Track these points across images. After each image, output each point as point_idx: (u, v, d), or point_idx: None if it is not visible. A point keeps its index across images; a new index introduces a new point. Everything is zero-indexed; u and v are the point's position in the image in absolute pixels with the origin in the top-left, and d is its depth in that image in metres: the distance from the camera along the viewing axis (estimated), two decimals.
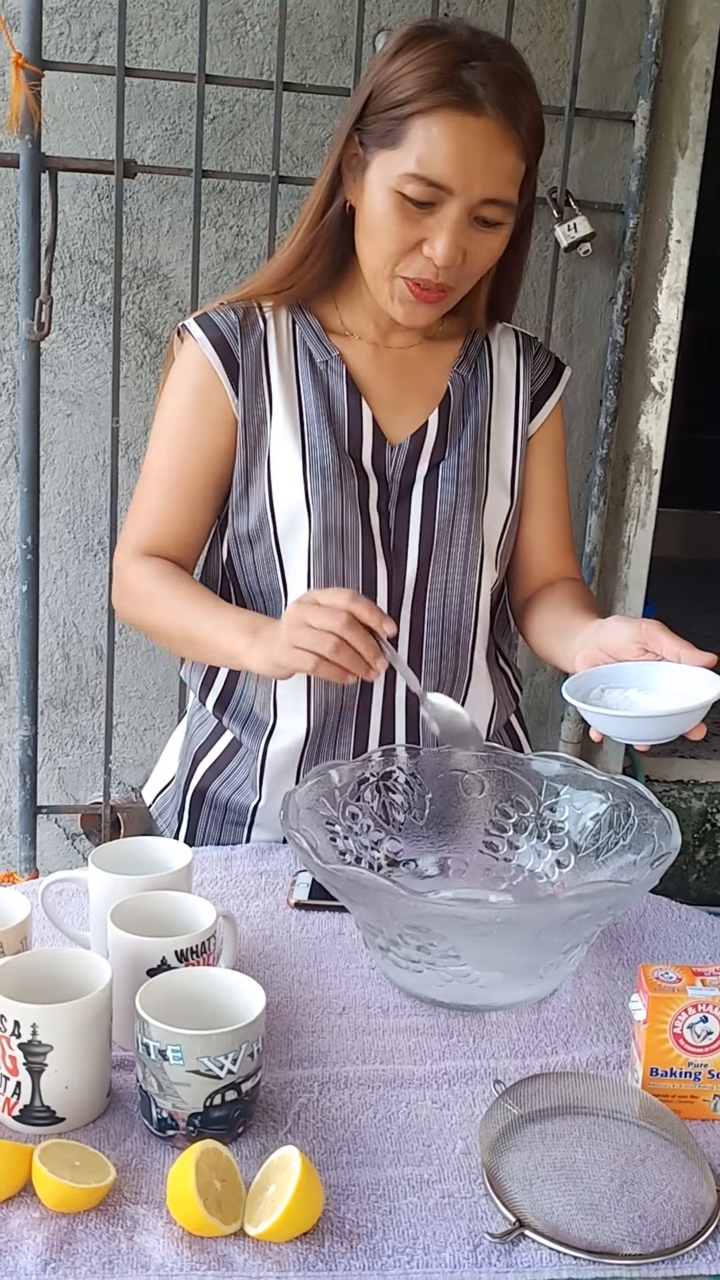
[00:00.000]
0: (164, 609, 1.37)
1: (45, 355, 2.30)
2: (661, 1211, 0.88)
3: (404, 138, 1.23)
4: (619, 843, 1.19)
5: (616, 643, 1.24)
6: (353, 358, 1.39)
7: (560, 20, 2.33)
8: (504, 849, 1.29)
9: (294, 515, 1.36)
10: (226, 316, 1.38)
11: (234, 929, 1.11)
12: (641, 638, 1.22)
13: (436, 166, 1.22)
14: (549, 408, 1.47)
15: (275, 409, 1.37)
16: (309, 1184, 0.85)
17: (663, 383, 2.52)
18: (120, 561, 1.42)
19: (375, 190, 1.27)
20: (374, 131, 1.26)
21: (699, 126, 2.41)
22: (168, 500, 1.40)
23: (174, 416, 1.39)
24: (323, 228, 1.34)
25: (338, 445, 1.36)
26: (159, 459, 1.41)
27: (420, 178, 1.23)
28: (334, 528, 1.36)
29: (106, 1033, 0.96)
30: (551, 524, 1.50)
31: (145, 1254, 0.84)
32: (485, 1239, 0.86)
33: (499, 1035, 1.09)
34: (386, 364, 1.41)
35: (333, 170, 1.32)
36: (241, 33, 2.26)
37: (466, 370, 1.43)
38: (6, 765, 2.52)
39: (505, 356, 1.46)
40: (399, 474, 1.39)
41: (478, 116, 1.22)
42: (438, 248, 1.25)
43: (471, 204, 1.24)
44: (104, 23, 2.22)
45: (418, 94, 1.22)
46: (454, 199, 1.24)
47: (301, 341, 1.39)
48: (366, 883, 1.03)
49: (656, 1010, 0.98)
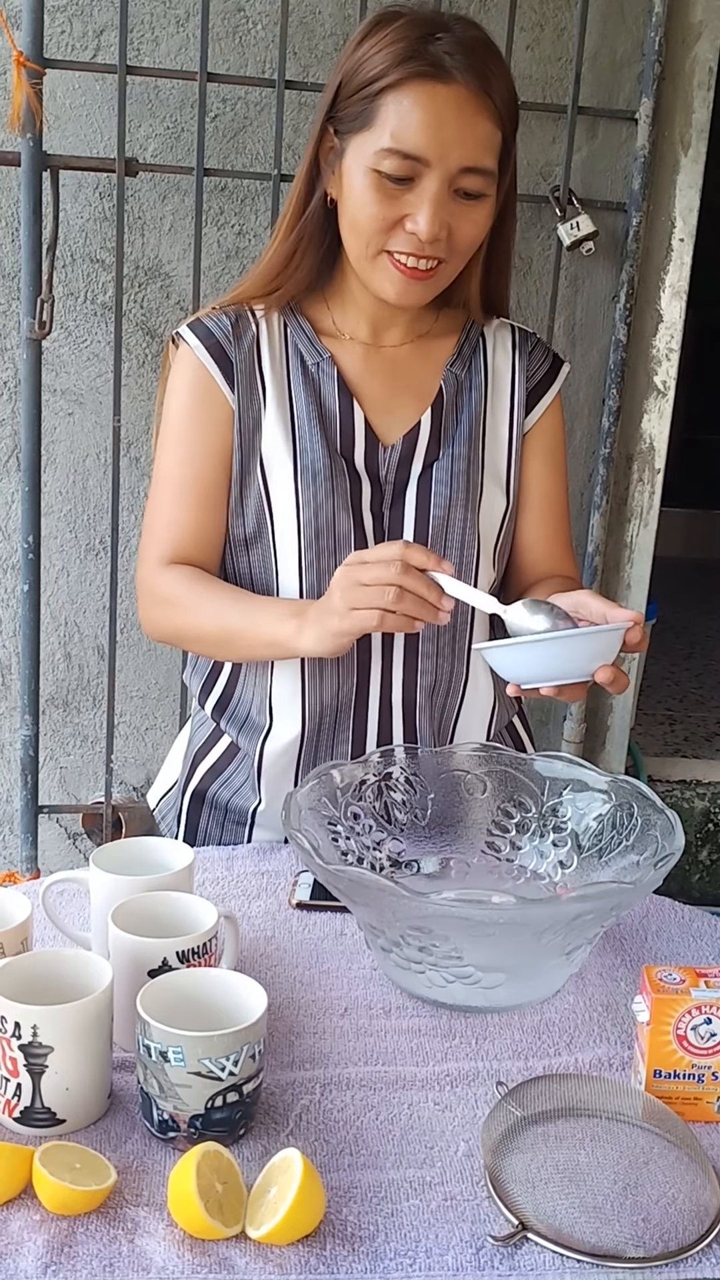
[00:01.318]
0: (196, 612, 1.35)
1: (47, 354, 2.30)
2: (665, 1214, 0.88)
3: (376, 116, 1.24)
4: (622, 843, 1.19)
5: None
6: (344, 359, 1.39)
7: (563, 18, 2.33)
8: (506, 849, 1.29)
9: (286, 518, 1.36)
10: (219, 320, 1.38)
11: (235, 930, 1.10)
12: (573, 606, 1.21)
13: (411, 138, 1.23)
14: (545, 402, 1.45)
15: (268, 411, 1.36)
16: (311, 1186, 0.84)
17: (666, 382, 2.52)
18: (144, 575, 1.40)
19: (353, 174, 1.27)
20: (347, 117, 1.27)
21: (702, 125, 2.40)
22: (182, 506, 1.39)
23: (176, 422, 1.39)
24: (305, 224, 1.34)
25: (329, 447, 1.36)
26: (167, 467, 1.40)
27: (396, 151, 1.23)
28: (326, 530, 1.35)
29: (107, 1034, 0.96)
30: (547, 522, 1.47)
31: (146, 1257, 0.83)
32: (488, 1242, 0.86)
33: (501, 1037, 1.09)
34: (378, 365, 1.40)
35: (309, 165, 1.32)
36: (243, 31, 2.26)
37: (460, 368, 1.42)
38: (8, 765, 2.52)
39: (501, 352, 1.45)
40: (392, 475, 1.38)
41: (448, 85, 1.22)
42: (420, 221, 1.24)
43: (450, 174, 1.24)
44: (105, 21, 2.21)
45: (386, 70, 1.23)
46: (431, 170, 1.23)
47: (293, 344, 1.39)
48: (368, 883, 1.02)
49: (660, 1012, 0.97)
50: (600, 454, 2.49)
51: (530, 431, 1.45)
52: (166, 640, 1.44)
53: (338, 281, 1.39)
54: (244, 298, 1.39)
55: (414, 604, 1.15)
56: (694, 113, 2.39)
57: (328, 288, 1.40)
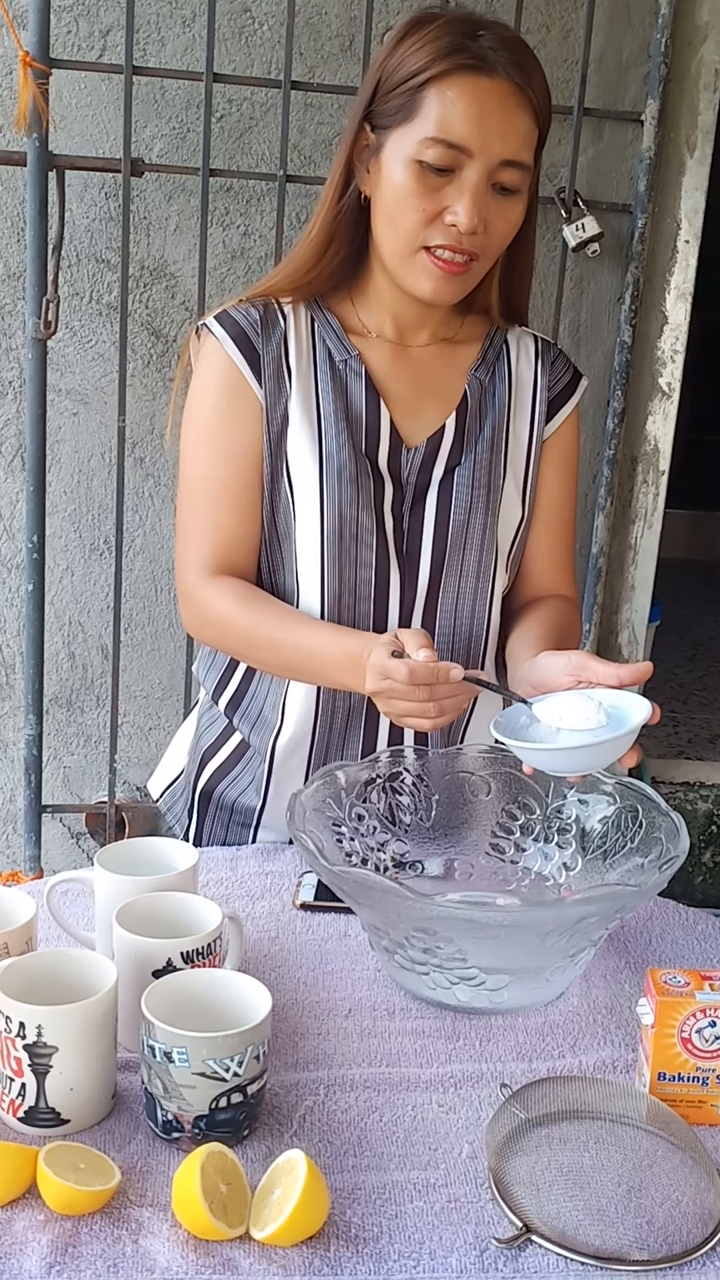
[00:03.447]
0: (253, 644, 1.36)
1: (52, 354, 2.30)
2: (669, 1217, 0.88)
3: (420, 107, 1.25)
4: (626, 845, 1.19)
5: (547, 676, 1.23)
6: (372, 358, 1.39)
7: (569, 20, 2.33)
8: (511, 851, 1.28)
9: (309, 515, 1.36)
10: (247, 313, 1.37)
11: (240, 930, 1.11)
12: (573, 669, 1.21)
13: (455, 128, 1.24)
14: (564, 413, 1.46)
15: (293, 406, 1.36)
16: (315, 1187, 0.84)
17: (670, 383, 2.52)
18: (190, 584, 1.39)
19: (393, 166, 1.27)
20: (387, 111, 1.28)
21: (708, 126, 2.40)
22: (221, 507, 1.37)
23: (208, 421, 1.37)
24: (339, 220, 1.34)
25: (354, 446, 1.36)
26: (200, 466, 1.38)
27: (440, 140, 1.24)
28: (348, 529, 1.35)
29: (112, 1034, 0.96)
30: (553, 535, 1.48)
31: (150, 1257, 0.83)
32: (492, 1244, 0.86)
33: (506, 1039, 1.09)
34: (404, 365, 1.40)
35: (344, 163, 1.32)
36: (249, 31, 2.26)
37: (484, 374, 1.42)
38: (12, 764, 2.52)
39: (524, 360, 1.45)
40: (414, 477, 1.38)
41: (492, 78, 1.24)
42: (460, 211, 1.25)
43: (490, 165, 1.25)
44: (112, 21, 2.21)
45: (431, 62, 1.24)
46: (473, 161, 1.25)
47: (321, 339, 1.38)
48: (373, 884, 1.02)
49: (664, 1015, 0.97)
50: (605, 455, 2.49)
51: (546, 441, 1.45)
52: (212, 647, 1.46)
53: (364, 280, 1.39)
54: (272, 291, 1.39)
55: (454, 707, 1.19)
56: (700, 114, 2.39)
57: (353, 286, 1.40)
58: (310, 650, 1.31)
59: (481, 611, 1.41)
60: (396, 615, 1.38)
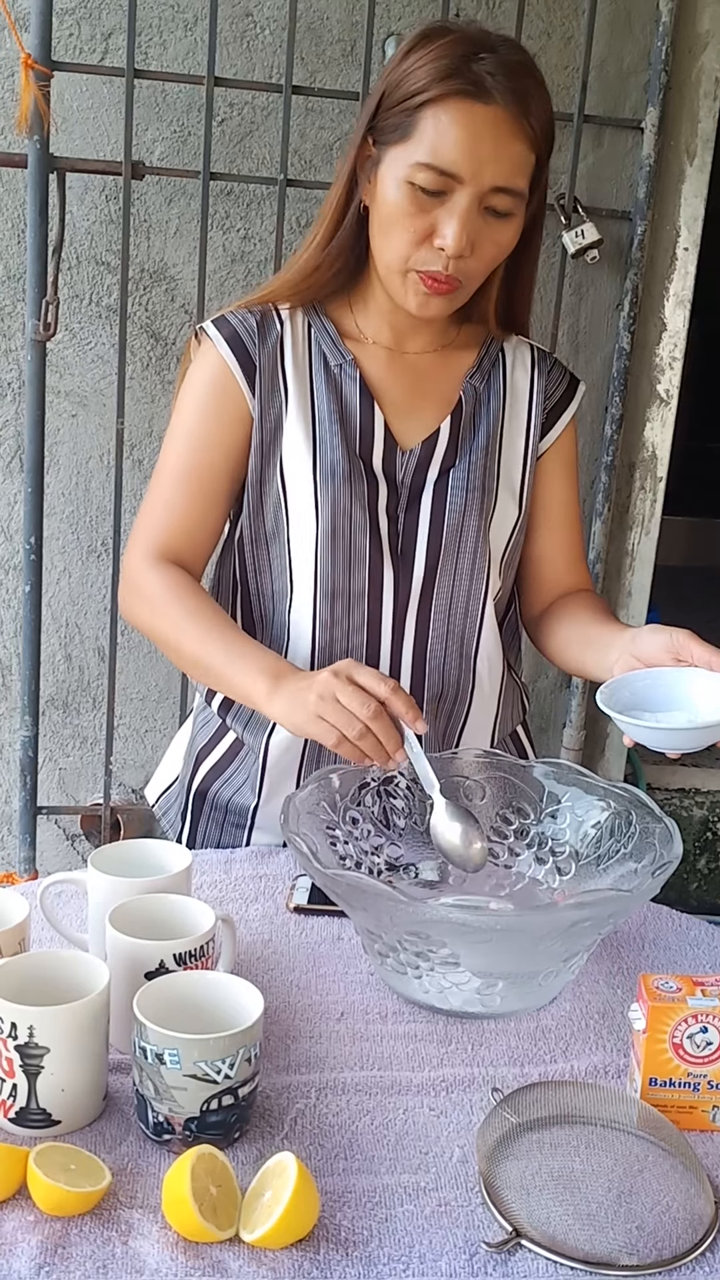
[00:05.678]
0: (177, 628, 1.34)
1: (51, 356, 2.30)
2: (659, 1222, 0.88)
3: (415, 129, 1.25)
4: (620, 851, 1.19)
5: (649, 651, 1.26)
6: (367, 362, 1.40)
7: (570, 27, 2.33)
8: (504, 856, 1.28)
9: (302, 516, 1.36)
10: (244, 319, 1.39)
11: (233, 933, 1.10)
12: (674, 647, 1.24)
13: (446, 154, 1.24)
14: (562, 425, 1.47)
15: (289, 410, 1.37)
16: (305, 1190, 0.84)
17: (669, 390, 2.52)
18: (132, 561, 1.40)
19: (388, 184, 1.28)
20: (387, 128, 1.28)
21: (708, 134, 2.41)
22: (181, 493, 1.39)
23: (190, 414, 1.40)
24: (341, 230, 1.35)
25: (349, 448, 1.37)
26: (173, 454, 1.40)
27: (431, 166, 1.25)
28: (342, 530, 1.36)
29: (104, 1036, 0.96)
30: (565, 536, 1.51)
31: (140, 1259, 0.83)
32: (482, 1248, 0.86)
33: (498, 1043, 1.09)
34: (400, 370, 1.41)
35: (349, 173, 1.33)
36: (251, 35, 2.26)
37: (480, 381, 1.43)
38: (7, 765, 2.52)
39: (520, 369, 1.46)
40: (409, 479, 1.39)
41: (486, 105, 1.24)
42: (447, 235, 1.26)
43: (481, 192, 1.25)
44: (113, 24, 2.22)
45: (428, 84, 1.24)
46: (464, 187, 1.25)
47: (316, 344, 1.39)
48: (366, 888, 1.02)
49: (656, 1020, 0.97)
50: (603, 461, 2.50)
51: (549, 450, 1.47)
52: (138, 629, 1.44)
53: (362, 286, 1.40)
54: (272, 297, 1.40)
55: (371, 746, 1.17)
56: (700, 122, 2.40)
57: (352, 291, 1.41)
58: (233, 644, 1.31)
59: (474, 613, 1.42)
60: (390, 615, 1.39)
